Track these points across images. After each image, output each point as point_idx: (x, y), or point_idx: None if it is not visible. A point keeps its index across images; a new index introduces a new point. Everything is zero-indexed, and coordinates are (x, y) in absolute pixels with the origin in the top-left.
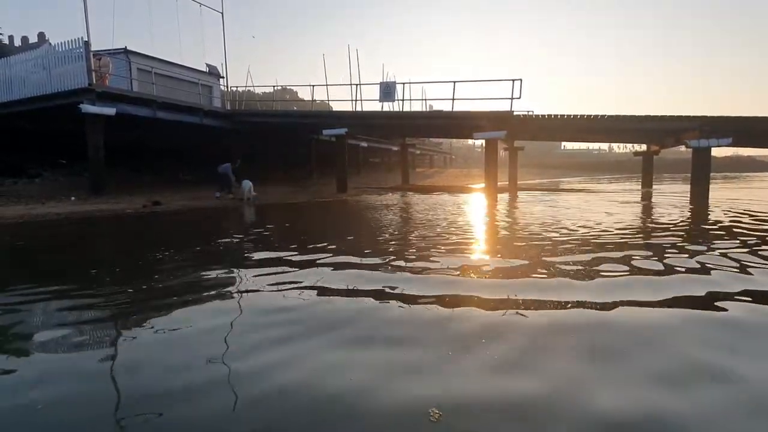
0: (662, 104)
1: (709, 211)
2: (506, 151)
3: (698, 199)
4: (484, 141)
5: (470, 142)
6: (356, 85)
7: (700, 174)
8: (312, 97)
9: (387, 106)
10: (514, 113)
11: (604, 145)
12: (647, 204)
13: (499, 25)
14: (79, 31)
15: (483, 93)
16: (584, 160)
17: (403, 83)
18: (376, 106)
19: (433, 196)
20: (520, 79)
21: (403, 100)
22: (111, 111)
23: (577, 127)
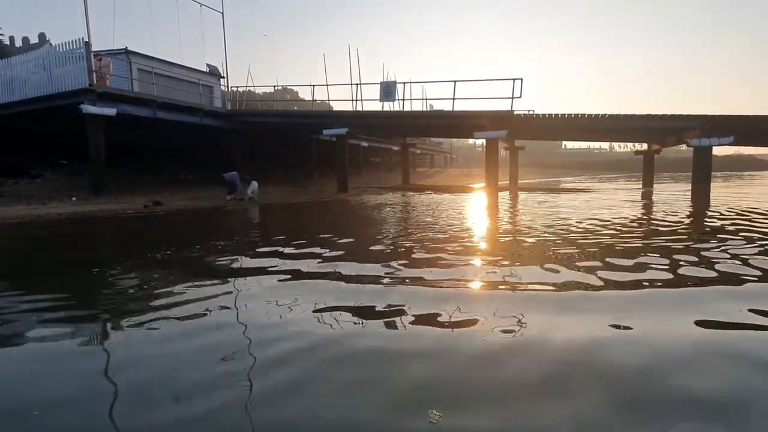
0: (662, 104)
1: (709, 210)
2: (507, 151)
3: (699, 198)
4: (484, 140)
5: (471, 141)
6: (356, 84)
7: (701, 173)
8: (312, 97)
9: (387, 106)
10: (515, 112)
11: (605, 145)
12: (649, 203)
13: (500, 25)
14: (80, 32)
15: (483, 92)
16: (585, 160)
17: (404, 83)
18: (376, 106)
19: (434, 196)
20: (521, 79)
21: (403, 100)
22: (111, 111)
23: (578, 127)
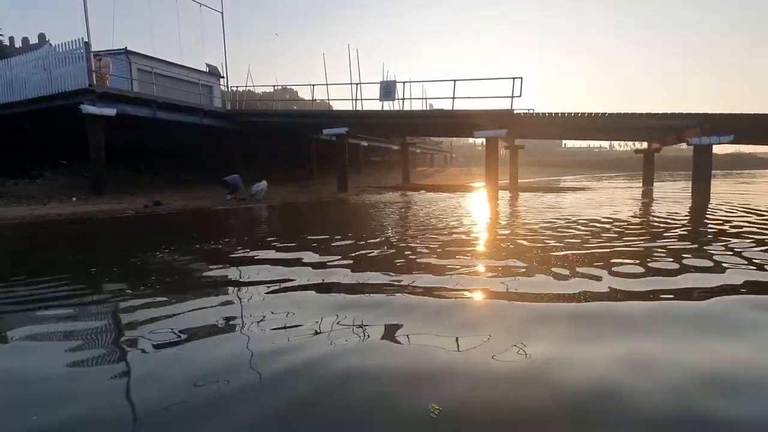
0: (662, 104)
1: (709, 209)
2: (507, 150)
3: (700, 197)
4: (484, 140)
5: (471, 140)
6: (356, 84)
7: (702, 171)
8: (312, 97)
9: (387, 105)
10: (515, 112)
11: (605, 144)
12: (650, 202)
13: (500, 25)
14: (80, 32)
15: (483, 92)
16: (585, 158)
17: (403, 82)
18: (376, 106)
19: (434, 195)
20: (521, 78)
21: (403, 99)
22: (111, 111)
23: (578, 125)
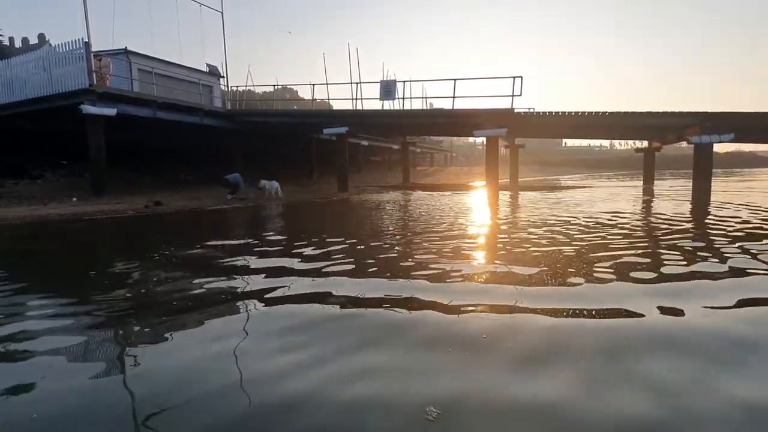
0: (662, 104)
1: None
2: (507, 149)
3: (700, 196)
4: (484, 139)
5: (471, 139)
6: (356, 83)
7: (702, 170)
8: (312, 96)
9: (387, 105)
10: (515, 111)
11: (605, 142)
12: (652, 201)
13: (500, 25)
14: (80, 32)
15: (483, 91)
16: (585, 157)
17: (404, 81)
18: (376, 105)
19: (435, 195)
20: (521, 77)
21: (403, 99)
22: (111, 111)
23: (578, 124)
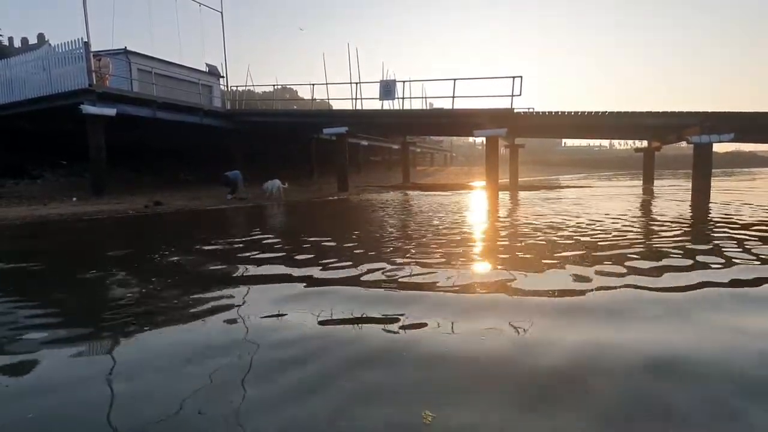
0: (662, 104)
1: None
2: (507, 149)
3: (700, 195)
4: (484, 139)
5: (471, 139)
6: (356, 83)
7: (702, 170)
8: (312, 96)
9: (387, 105)
10: (515, 111)
11: (605, 142)
12: (651, 200)
13: (500, 25)
14: (79, 32)
15: (483, 91)
16: (585, 157)
17: (403, 81)
18: (376, 105)
19: (435, 195)
20: (521, 77)
21: (403, 99)
22: (111, 111)
23: (578, 124)
